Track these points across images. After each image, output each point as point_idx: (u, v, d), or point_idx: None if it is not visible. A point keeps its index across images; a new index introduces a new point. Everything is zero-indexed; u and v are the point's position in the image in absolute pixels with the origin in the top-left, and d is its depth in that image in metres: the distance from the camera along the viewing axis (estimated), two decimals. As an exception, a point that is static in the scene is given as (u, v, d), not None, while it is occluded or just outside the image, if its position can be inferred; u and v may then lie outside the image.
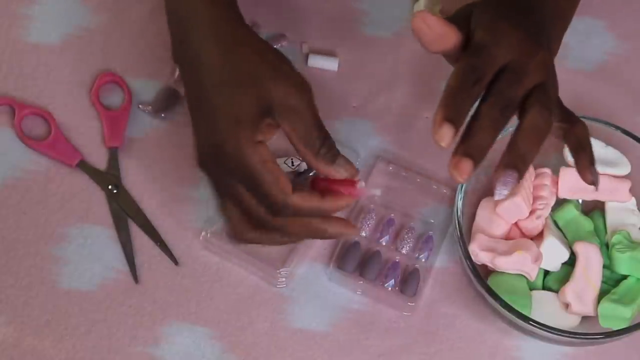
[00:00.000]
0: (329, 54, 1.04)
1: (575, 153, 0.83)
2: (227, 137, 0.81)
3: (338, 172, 0.82)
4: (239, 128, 0.80)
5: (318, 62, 1.03)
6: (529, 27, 0.83)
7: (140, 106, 1.00)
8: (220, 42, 0.83)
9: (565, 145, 0.95)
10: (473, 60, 0.80)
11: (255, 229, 0.84)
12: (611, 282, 0.92)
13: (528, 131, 0.79)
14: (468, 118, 0.79)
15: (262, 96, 0.81)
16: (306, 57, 1.03)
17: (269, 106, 0.81)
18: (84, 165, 0.98)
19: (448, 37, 0.82)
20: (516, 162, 0.78)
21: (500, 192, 0.78)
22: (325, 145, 0.82)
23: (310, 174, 0.98)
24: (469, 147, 0.78)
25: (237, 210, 0.83)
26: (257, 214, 0.82)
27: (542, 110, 0.80)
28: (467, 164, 0.77)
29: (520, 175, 0.78)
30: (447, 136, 0.77)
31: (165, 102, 1.01)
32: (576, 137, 0.83)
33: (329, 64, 1.03)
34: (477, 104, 0.80)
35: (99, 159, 0.98)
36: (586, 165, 0.82)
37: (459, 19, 0.84)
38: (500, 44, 0.81)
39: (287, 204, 0.81)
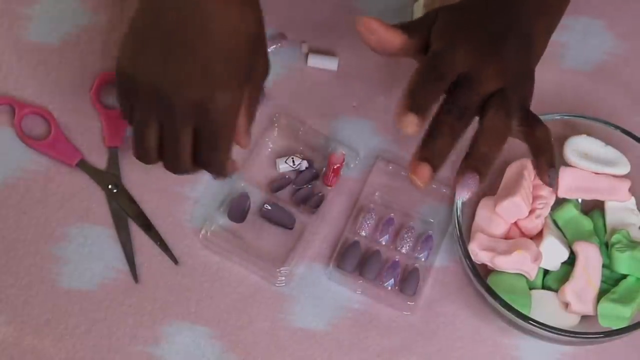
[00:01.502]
0: (329, 53, 1.04)
1: (534, 155, 0.84)
2: (224, 87, 0.83)
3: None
4: (239, 87, 0.84)
5: (318, 62, 1.03)
6: (486, 36, 0.84)
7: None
8: None
9: (565, 146, 0.95)
10: (433, 61, 0.83)
11: (161, 157, 0.87)
12: (611, 282, 0.92)
13: (486, 133, 0.82)
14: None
15: (251, 64, 0.85)
16: (306, 56, 1.03)
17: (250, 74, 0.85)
18: (84, 165, 0.98)
19: (391, 41, 0.85)
20: (476, 163, 0.81)
21: (461, 194, 0.80)
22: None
23: (313, 171, 0.98)
24: (427, 152, 0.80)
25: (156, 137, 0.85)
26: (183, 159, 0.86)
27: (498, 112, 0.82)
28: (425, 169, 0.80)
29: (482, 177, 0.80)
30: (412, 123, 0.80)
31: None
32: (537, 139, 0.84)
33: (329, 64, 1.03)
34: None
35: (99, 159, 0.98)
36: (544, 167, 0.83)
37: (422, 23, 0.87)
38: (455, 53, 0.83)
39: (221, 167, 0.87)
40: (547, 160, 0.83)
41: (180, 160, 0.86)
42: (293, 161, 0.98)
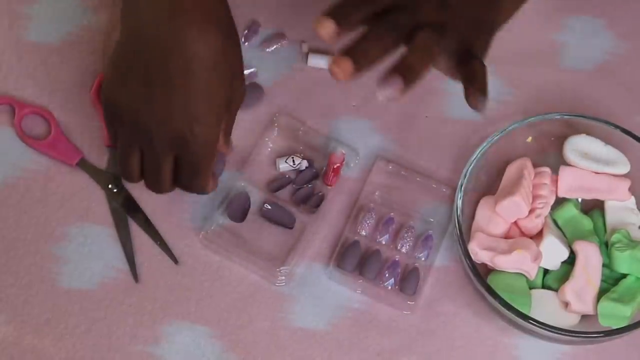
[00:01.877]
0: (329, 53, 1.04)
1: (465, 83, 0.84)
2: (204, 121, 0.86)
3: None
4: (218, 120, 0.87)
5: (318, 61, 1.03)
6: None
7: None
8: (216, 28, 0.85)
9: (565, 145, 0.95)
10: None
11: (144, 179, 0.91)
12: (611, 281, 0.92)
13: (416, 48, 0.82)
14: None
15: (230, 94, 0.87)
16: (306, 56, 1.03)
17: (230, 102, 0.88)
18: (84, 165, 0.98)
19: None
20: (402, 70, 0.81)
21: (384, 91, 0.81)
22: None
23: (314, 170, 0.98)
24: (351, 49, 0.81)
25: (138, 161, 0.89)
26: (164, 183, 0.90)
27: (429, 35, 0.82)
28: (347, 62, 0.80)
29: (406, 82, 0.80)
30: (327, 27, 0.81)
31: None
32: (470, 71, 0.83)
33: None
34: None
35: (99, 158, 0.98)
36: (474, 93, 0.83)
37: None
38: None
39: (201, 190, 0.91)
40: (479, 87, 0.83)
41: (161, 184, 0.91)
42: (293, 161, 0.98)
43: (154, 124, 0.86)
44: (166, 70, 0.84)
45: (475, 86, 0.83)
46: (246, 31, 1.04)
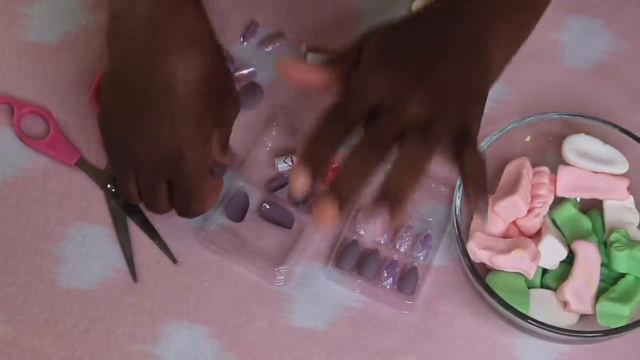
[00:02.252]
0: (328, 52, 1.04)
1: (462, 182, 0.80)
2: (191, 145, 0.85)
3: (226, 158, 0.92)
4: (206, 145, 0.87)
5: (316, 60, 1.03)
6: (417, 58, 0.79)
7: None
8: (197, 51, 0.84)
9: (564, 145, 0.95)
10: (342, 100, 0.80)
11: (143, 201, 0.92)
12: (609, 280, 0.92)
13: (398, 164, 0.77)
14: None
15: (219, 113, 0.87)
16: (304, 55, 1.03)
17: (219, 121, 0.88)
18: (83, 164, 0.98)
19: (316, 81, 0.82)
20: (388, 193, 0.76)
21: (368, 228, 0.77)
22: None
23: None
24: (334, 188, 0.76)
25: (134, 184, 0.90)
26: (161, 204, 0.90)
27: (414, 142, 0.77)
28: (329, 208, 0.76)
29: (393, 209, 0.76)
30: (302, 187, 0.77)
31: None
32: (466, 167, 0.79)
33: (328, 63, 1.03)
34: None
35: (98, 158, 0.98)
36: (470, 196, 0.79)
37: (352, 50, 0.83)
38: (367, 86, 0.79)
39: (199, 213, 0.91)
40: (475, 189, 0.79)
41: (158, 206, 0.91)
42: (292, 160, 0.98)
43: (143, 150, 0.86)
44: (150, 96, 0.84)
45: (470, 187, 0.79)
46: (245, 31, 1.04)
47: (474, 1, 0.83)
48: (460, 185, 0.92)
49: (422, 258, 0.96)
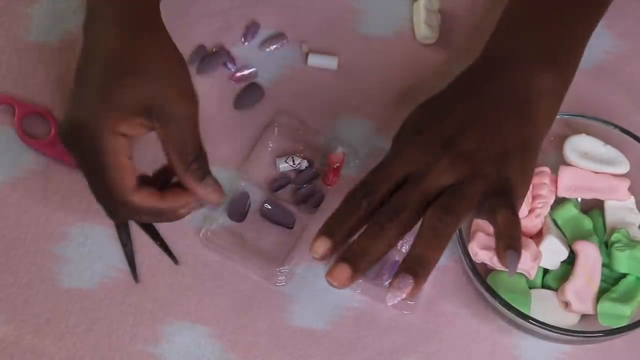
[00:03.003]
0: (329, 53, 1.04)
1: (495, 238, 0.79)
2: (90, 117, 0.81)
3: (204, 191, 0.83)
4: (106, 112, 0.81)
5: (318, 61, 1.03)
6: (448, 126, 0.80)
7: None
8: (128, 28, 0.83)
9: (565, 145, 0.95)
10: (366, 177, 0.80)
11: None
12: (610, 281, 0.92)
13: (424, 233, 0.77)
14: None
15: (145, 94, 0.81)
16: (306, 56, 1.03)
17: (149, 106, 0.81)
18: (84, 164, 0.98)
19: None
20: (413, 264, 0.76)
21: (393, 297, 0.76)
22: (197, 160, 0.82)
23: (309, 169, 0.98)
24: (348, 251, 0.76)
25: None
26: (99, 202, 0.85)
27: (436, 211, 0.77)
28: (342, 270, 0.76)
29: (418, 280, 0.76)
30: (321, 248, 0.77)
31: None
32: (498, 225, 0.78)
33: (329, 63, 1.03)
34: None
35: (99, 158, 0.98)
36: (501, 251, 0.78)
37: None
38: (396, 160, 0.80)
39: (126, 202, 0.83)
40: (505, 244, 0.78)
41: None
42: (293, 160, 0.98)
43: (99, 198, 0.85)
44: (85, 154, 0.83)
45: (502, 243, 0.78)
46: (246, 31, 1.04)
47: (509, 54, 0.83)
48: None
49: (423, 258, 0.96)
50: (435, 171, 0.79)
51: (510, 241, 0.78)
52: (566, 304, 0.91)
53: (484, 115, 0.81)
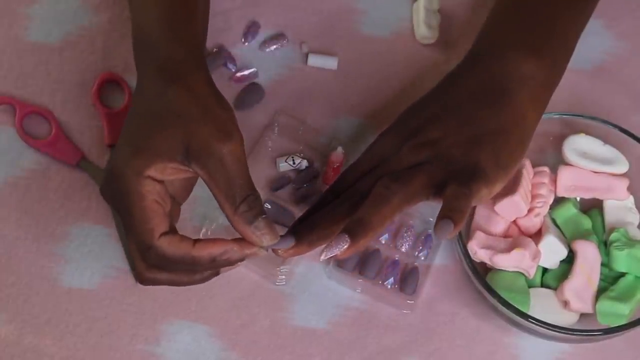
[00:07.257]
0: (329, 53, 1.04)
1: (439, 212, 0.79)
2: (119, 163, 0.79)
3: (254, 235, 0.79)
4: (133, 158, 0.78)
5: (318, 61, 1.03)
6: (414, 119, 0.84)
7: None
8: (163, 77, 0.81)
9: (564, 145, 0.96)
10: (340, 174, 0.85)
11: (149, 268, 0.81)
12: (609, 280, 0.93)
13: (369, 198, 0.79)
14: None
15: (178, 137, 0.78)
16: (306, 56, 1.03)
17: (184, 148, 0.78)
18: (84, 164, 0.98)
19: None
20: (352, 226, 0.78)
21: (326, 253, 0.77)
22: (247, 201, 0.78)
23: (306, 168, 0.98)
24: (298, 226, 0.81)
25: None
26: (131, 252, 0.81)
27: (386, 180, 0.80)
28: (286, 242, 0.79)
29: (354, 240, 0.77)
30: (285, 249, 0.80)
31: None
32: (445, 199, 0.79)
33: (329, 63, 1.03)
34: None
35: (100, 158, 0.99)
36: (437, 221, 0.77)
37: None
38: (367, 154, 0.84)
39: (152, 246, 0.78)
40: (443, 214, 0.77)
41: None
42: (293, 160, 0.99)
43: (130, 244, 0.81)
44: (115, 200, 0.81)
45: (443, 215, 0.77)
46: (246, 31, 1.04)
47: (490, 46, 0.86)
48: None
49: (423, 258, 0.96)
50: (396, 157, 0.82)
51: (449, 212, 0.77)
52: (565, 303, 0.92)
53: (457, 107, 0.84)
